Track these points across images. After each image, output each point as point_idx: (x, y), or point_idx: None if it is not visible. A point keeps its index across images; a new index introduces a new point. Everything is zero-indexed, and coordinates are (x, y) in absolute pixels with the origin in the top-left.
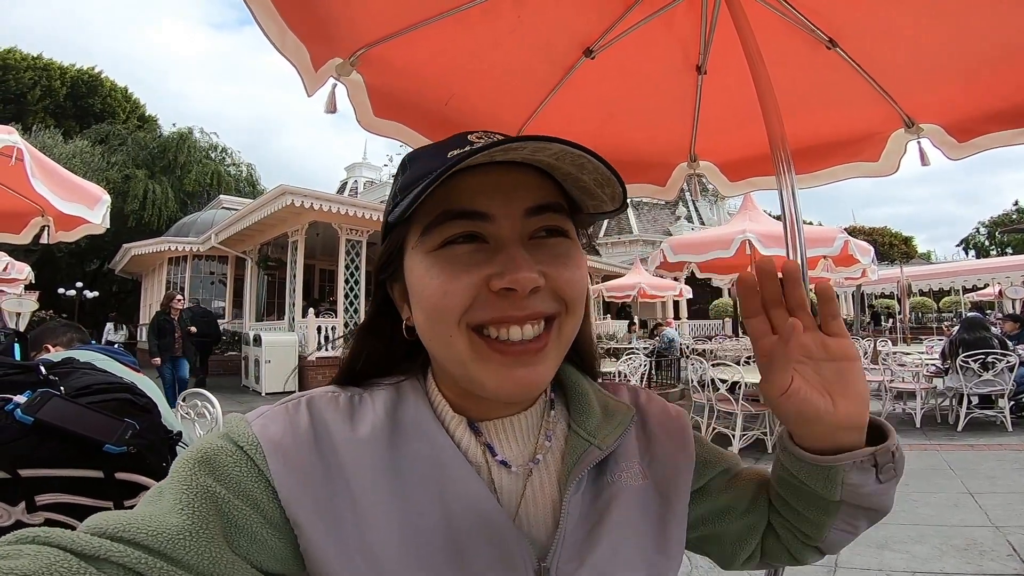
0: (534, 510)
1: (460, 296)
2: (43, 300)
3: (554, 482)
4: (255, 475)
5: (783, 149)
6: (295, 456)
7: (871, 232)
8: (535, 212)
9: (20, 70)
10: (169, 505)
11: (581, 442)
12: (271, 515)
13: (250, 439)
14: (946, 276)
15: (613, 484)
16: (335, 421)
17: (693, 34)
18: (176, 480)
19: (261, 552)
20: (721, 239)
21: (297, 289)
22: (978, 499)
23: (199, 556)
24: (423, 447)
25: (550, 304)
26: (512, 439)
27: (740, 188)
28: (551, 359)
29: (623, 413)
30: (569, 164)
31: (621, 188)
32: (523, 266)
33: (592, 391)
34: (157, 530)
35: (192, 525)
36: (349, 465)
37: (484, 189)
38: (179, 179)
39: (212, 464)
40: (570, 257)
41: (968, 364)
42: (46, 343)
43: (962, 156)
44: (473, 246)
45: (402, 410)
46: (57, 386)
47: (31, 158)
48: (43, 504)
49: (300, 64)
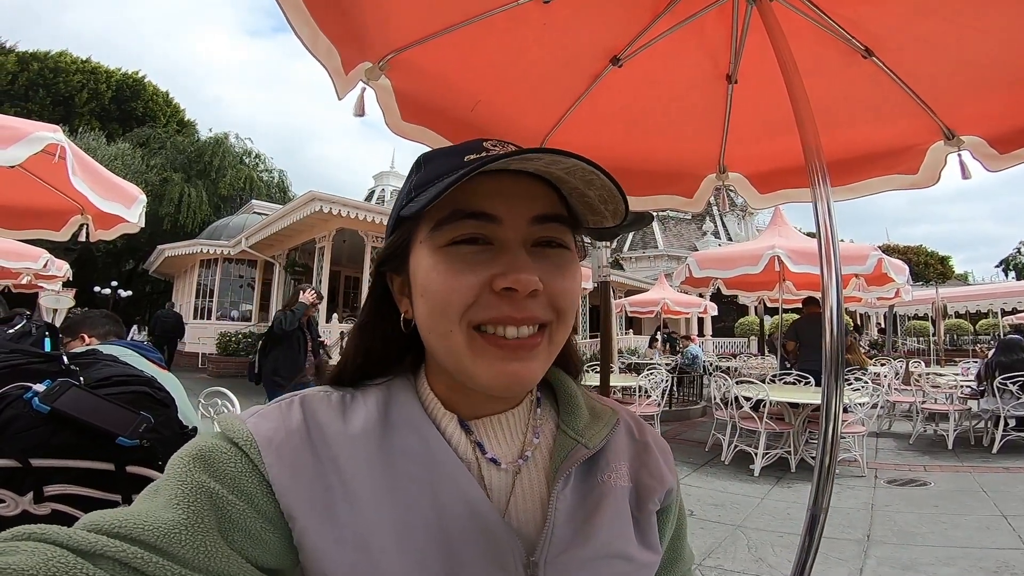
0: (523, 506)
1: (464, 294)
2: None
3: (542, 479)
4: (250, 471)
5: (818, 160)
6: (288, 450)
7: (906, 251)
8: (540, 220)
9: (70, 73)
10: (164, 501)
11: (569, 440)
12: (266, 510)
13: (245, 435)
14: (983, 298)
15: (603, 484)
16: (328, 417)
17: (723, 43)
18: (172, 477)
19: (256, 547)
20: (749, 255)
21: (323, 294)
22: (1012, 522)
23: (195, 551)
24: (415, 443)
25: (545, 311)
26: (501, 436)
27: (770, 201)
28: (542, 359)
29: (609, 415)
30: (579, 179)
31: (624, 205)
32: (525, 268)
33: (580, 393)
34: (153, 525)
35: (187, 520)
36: (342, 459)
37: (496, 193)
38: (214, 183)
39: (207, 461)
40: (568, 268)
41: (1006, 386)
42: (82, 332)
43: (1003, 167)
44: (479, 247)
45: (394, 407)
46: (77, 376)
47: (73, 156)
48: (51, 495)
49: (331, 67)
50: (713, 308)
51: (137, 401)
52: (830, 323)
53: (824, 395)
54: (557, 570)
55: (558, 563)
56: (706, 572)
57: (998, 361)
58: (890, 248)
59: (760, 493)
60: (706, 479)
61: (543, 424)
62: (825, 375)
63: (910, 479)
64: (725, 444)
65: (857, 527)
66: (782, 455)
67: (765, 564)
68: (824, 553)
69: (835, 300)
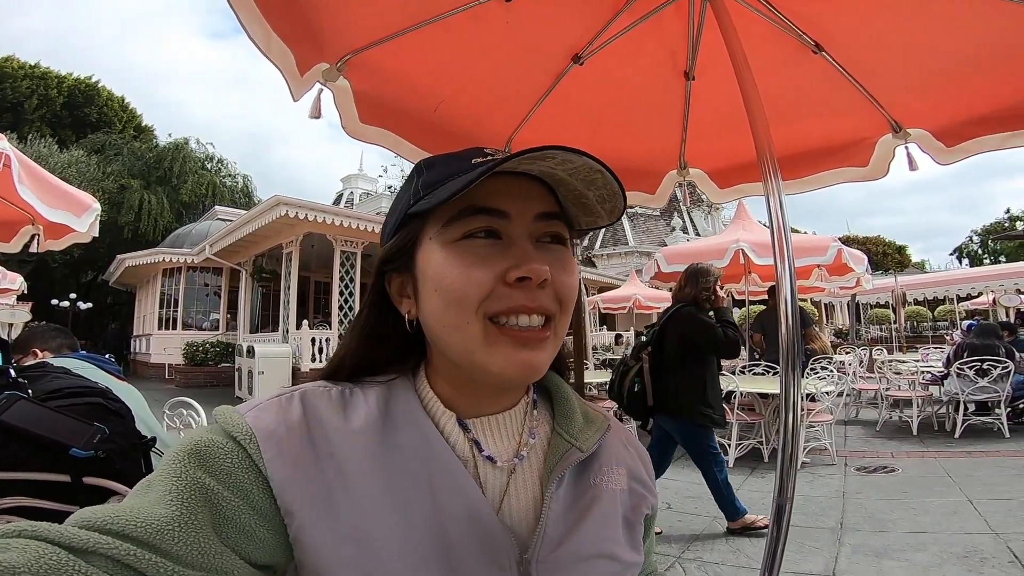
0: (516, 505)
1: (480, 286)
2: (36, 311)
3: (536, 480)
4: (247, 466)
5: (770, 155)
6: (288, 445)
7: (864, 241)
8: (544, 217)
9: (17, 79)
10: (157, 496)
11: (563, 443)
12: (261, 506)
13: (244, 429)
14: (940, 285)
15: (595, 487)
16: (328, 412)
17: (681, 39)
18: (165, 472)
19: (250, 543)
20: (715, 248)
21: (291, 301)
22: (977, 506)
23: (187, 547)
24: (413, 439)
25: (552, 303)
26: (498, 435)
27: (729, 196)
28: (550, 350)
29: (600, 420)
30: (580, 180)
31: (623, 204)
32: (536, 258)
33: (574, 397)
34: (145, 521)
35: (180, 516)
36: (341, 454)
37: (504, 192)
38: (175, 189)
39: (203, 456)
40: (568, 263)
41: (963, 371)
42: (34, 347)
43: (952, 161)
44: (490, 241)
45: (393, 404)
46: (25, 389)
47: (19, 164)
48: (4, 508)
49: (286, 68)
50: None
51: (90, 412)
52: (785, 314)
53: (782, 385)
54: (548, 568)
55: (549, 561)
56: (686, 564)
57: (969, 343)
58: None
59: (735, 484)
60: (682, 471)
61: (539, 425)
62: (783, 366)
63: (878, 466)
64: None
65: (830, 515)
66: (755, 445)
67: (743, 555)
68: (800, 542)
69: (788, 291)
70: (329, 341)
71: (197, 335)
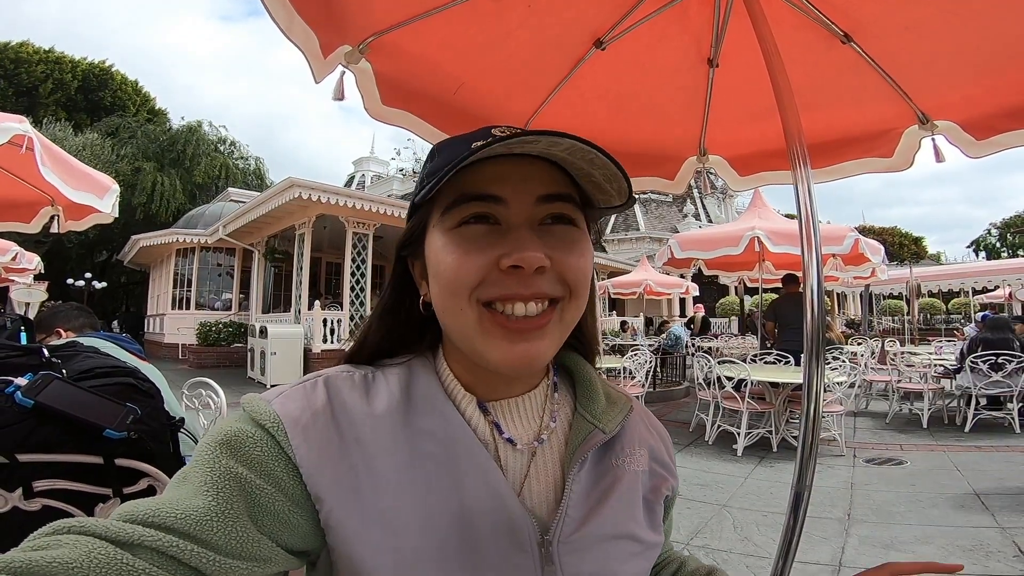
0: (537, 487)
1: (472, 272)
2: (52, 291)
3: (557, 461)
4: (276, 454)
5: (799, 144)
6: (314, 431)
7: (881, 232)
8: (546, 200)
9: (32, 63)
10: (194, 488)
11: (586, 425)
12: (293, 493)
13: (271, 417)
14: (956, 277)
15: (616, 468)
16: (352, 397)
17: (705, 27)
18: (199, 464)
19: (285, 530)
20: (730, 236)
21: (304, 282)
22: (985, 500)
23: (227, 536)
24: (436, 423)
25: (555, 287)
26: (518, 418)
27: (750, 183)
28: (551, 337)
29: (624, 401)
30: (580, 159)
31: (627, 183)
32: (529, 246)
33: (597, 378)
34: (185, 513)
35: (218, 507)
36: (366, 438)
37: (501, 177)
38: (188, 172)
39: (234, 447)
40: (576, 244)
41: (977, 364)
42: (58, 326)
43: (982, 154)
44: (487, 227)
45: (415, 387)
46: (59, 369)
47: (41, 146)
48: (40, 490)
49: (308, 50)
50: (695, 288)
51: (122, 393)
52: (811, 303)
53: (806, 374)
54: (569, 549)
55: (570, 542)
56: (694, 551)
57: (983, 338)
58: (866, 229)
59: (744, 473)
60: (691, 459)
61: (560, 408)
62: (807, 354)
63: (887, 458)
64: (708, 424)
65: (838, 506)
66: (764, 435)
67: (751, 543)
68: (807, 532)
69: (816, 280)
70: (340, 322)
71: (210, 315)
